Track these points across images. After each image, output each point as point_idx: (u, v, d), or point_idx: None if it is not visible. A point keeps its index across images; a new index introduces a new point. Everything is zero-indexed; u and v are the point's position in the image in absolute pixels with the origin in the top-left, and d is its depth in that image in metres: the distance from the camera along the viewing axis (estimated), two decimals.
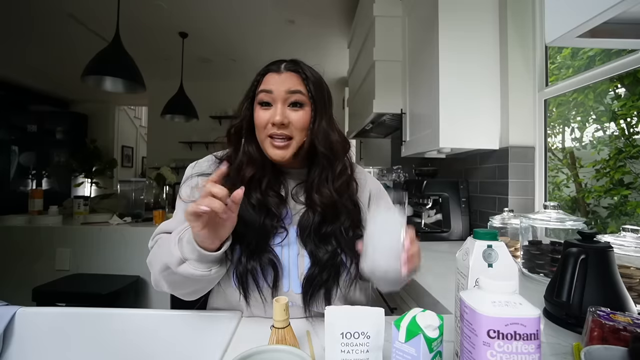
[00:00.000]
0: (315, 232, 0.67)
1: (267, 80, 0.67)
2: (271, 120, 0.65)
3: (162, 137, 5.15)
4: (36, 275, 2.05)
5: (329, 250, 0.66)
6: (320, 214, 0.67)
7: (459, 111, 1.44)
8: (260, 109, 0.67)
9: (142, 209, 2.47)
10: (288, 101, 0.66)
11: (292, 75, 0.67)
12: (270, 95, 0.66)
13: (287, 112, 0.66)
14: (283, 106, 0.66)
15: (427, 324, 0.41)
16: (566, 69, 1.64)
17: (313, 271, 0.65)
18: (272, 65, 0.69)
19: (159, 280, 0.64)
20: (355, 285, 0.69)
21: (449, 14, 1.44)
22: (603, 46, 1.16)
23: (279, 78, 0.67)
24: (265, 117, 0.66)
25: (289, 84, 0.66)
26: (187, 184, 0.73)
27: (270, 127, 0.66)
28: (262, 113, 0.67)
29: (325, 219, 0.67)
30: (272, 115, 0.65)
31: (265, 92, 0.66)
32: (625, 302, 0.61)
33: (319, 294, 0.65)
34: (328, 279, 0.65)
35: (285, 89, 0.66)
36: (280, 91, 0.66)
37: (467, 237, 0.52)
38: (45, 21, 3.21)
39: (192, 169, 0.75)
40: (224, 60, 4.28)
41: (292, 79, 0.67)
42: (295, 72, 0.68)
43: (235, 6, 2.96)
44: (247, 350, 0.44)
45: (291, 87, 0.66)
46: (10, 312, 0.69)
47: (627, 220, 1.40)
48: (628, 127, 1.43)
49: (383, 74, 2.02)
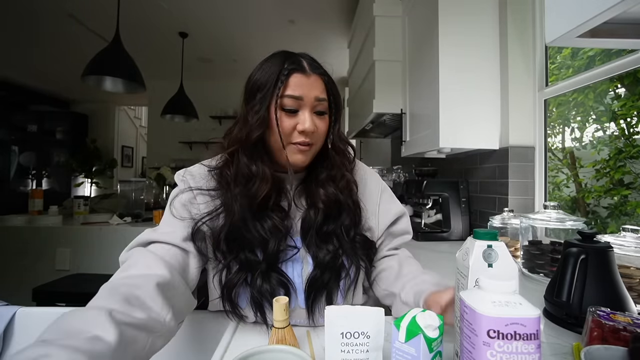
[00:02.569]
0: (317, 232, 0.65)
1: (294, 83, 0.60)
2: (300, 127, 0.61)
3: (162, 137, 5.15)
4: (36, 275, 2.05)
5: (330, 251, 0.65)
6: (323, 211, 0.65)
7: (459, 111, 1.44)
8: (285, 114, 0.61)
9: (142, 209, 2.47)
10: (315, 109, 0.63)
11: (318, 79, 0.63)
12: (299, 101, 0.61)
13: (314, 119, 0.63)
14: (310, 113, 0.62)
15: (427, 324, 0.41)
16: (566, 69, 1.64)
17: (315, 274, 0.63)
18: (294, 64, 0.61)
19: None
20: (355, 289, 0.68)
21: (449, 14, 1.44)
22: (603, 46, 1.16)
23: (308, 81, 0.61)
24: (292, 123, 0.61)
25: (317, 91, 0.62)
26: (178, 199, 0.64)
27: (297, 134, 0.62)
28: (287, 119, 0.61)
29: (327, 216, 0.66)
30: (302, 122, 0.61)
31: (293, 98, 0.60)
32: (625, 302, 0.61)
33: (321, 299, 0.63)
34: (329, 281, 0.63)
35: (315, 96, 0.62)
36: (309, 98, 0.61)
37: (467, 237, 0.52)
38: (45, 21, 3.21)
39: (182, 181, 0.66)
40: (224, 60, 4.28)
41: (319, 84, 0.63)
42: (320, 75, 0.64)
43: (235, 6, 2.96)
44: (247, 350, 0.44)
45: (319, 94, 0.62)
46: (10, 312, 0.69)
47: (627, 220, 1.40)
48: (628, 127, 1.43)
49: (383, 74, 2.02)
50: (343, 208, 0.67)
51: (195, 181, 0.66)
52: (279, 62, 0.62)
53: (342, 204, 0.67)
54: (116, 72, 2.31)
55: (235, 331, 0.63)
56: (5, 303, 0.71)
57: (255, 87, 0.62)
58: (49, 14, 3.06)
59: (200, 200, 0.64)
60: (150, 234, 0.61)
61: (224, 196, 0.63)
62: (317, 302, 0.63)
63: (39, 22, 3.23)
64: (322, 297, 0.63)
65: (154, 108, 4.86)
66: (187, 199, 0.64)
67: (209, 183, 0.66)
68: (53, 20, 3.18)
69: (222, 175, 0.65)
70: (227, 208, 0.62)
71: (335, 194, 0.66)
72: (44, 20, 3.18)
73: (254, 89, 0.63)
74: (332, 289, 0.64)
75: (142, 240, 0.61)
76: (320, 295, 0.63)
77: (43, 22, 3.23)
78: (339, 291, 0.65)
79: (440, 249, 1.38)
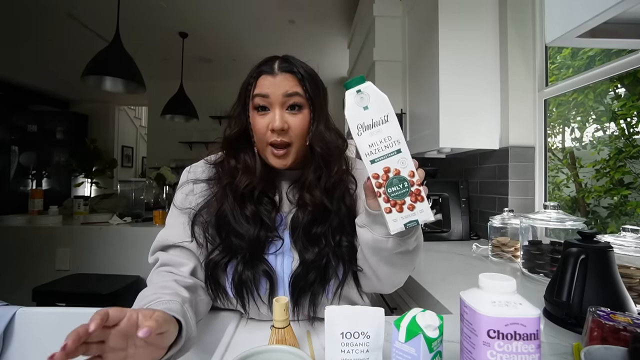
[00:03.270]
0: (304, 232, 0.65)
1: (261, 83, 0.63)
2: (270, 126, 0.62)
3: (162, 137, 5.15)
4: (36, 275, 2.05)
5: (315, 252, 0.65)
6: (311, 213, 0.65)
7: (459, 111, 1.44)
8: (257, 114, 0.64)
9: (142, 209, 2.47)
10: (286, 104, 0.63)
11: (287, 76, 0.63)
12: (267, 99, 0.63)
13: (286, 116, 0.63)
14: (281, 110, 0.63)
15: (427, 324, 0.41)
16: (566, 69, 1.64)
17: (300, 271, 0.63)
18: (264, 66, 0.64)
19: None
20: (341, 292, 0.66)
21: (449, 14, 1.44)
22: (603, 46, 1.16)
23: (274, 80, 0.62)
24: (264, 122, 0.63)
25: (285, 87, 0.62)
26: (181, 190, 0.70)
27: (270, 133, 0.63)
28: (259, 119, 0.63)
29: (315, 219, 0.66)
30: (271, 121, 0.62)
31: (260, 97, 0.63)
32: (625, 302, 0.61)
33: (305, 297, 0.63)
34: (314, 282, 0.63)
35: (283, 92, 0.62)
36: (277, 95, 0.62)
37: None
38: (45, 21, 3.21)
39: (187, 174, 0.73)
40: (224, 60, 4.28)
41: (288, 80, 0.63)
42: (290, 72, 0.63)
43: (235, 6, 2.96)
44: (247, 350, 0.44)
45: (288, 89, 0.62)
46: (10, 312, 0.69)
47: (627, 220, 1.40)
48: (628, 127, 1.43)
49: (383, 74, 2.02)
50: (329, 212, 0.66)
51: (195, 174, 0.72)
52: (255, 67, 0.66)
53: (327, 208, 0.66)
54: (116, 72, 2.31)
55: (235, 331, 0.63)
56: (5, 303, 0.71)
57: (239, 91, 0.68)
58: (49, 14, 3.06)
59: (197, 190, 0.70)
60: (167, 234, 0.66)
61: (216, 186, 0.69)
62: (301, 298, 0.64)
63: (39, 22, 3.23)
64: (308, 294, 0.64)
65: (154, 108, 4.86)
66: (188, 190, 0.70)
67: (208, 175, 0.72)
68: (53, 20, 3.18)
69: (217, 169, 0.71)
70: (217, 196, 0.67)
71: (320, 198, 0.65)
72: (44, 20, 3.18)
73: (239, 92, 0.68)
74: (317, 289, 0.64)
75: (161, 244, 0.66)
76: (305, 293, 0.63)
77: (43, 22, 3.23)
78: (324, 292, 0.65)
79: (440, 249, 1.38)
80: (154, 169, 3.23)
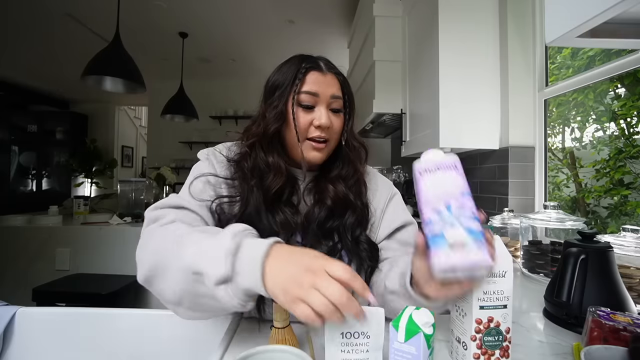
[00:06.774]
0: (318, 226, 0.65)
1: (310, 80, 0.64)
2: (316, 122, 0.64)
3: (162, 137, 5.15)
4: (36, 275, 2.05)
5: (328, 245, 0.65)
6: (329, 207, 0.66)
7: (459, 111, 1.44)
8: (301, 110, 0.65)
9: (142, 209, 2.47)
10: (330, 106, 0.66)
11: (334, 78, 0.66)
12: (315, 98, 0.64)
13: (330, 115, 0.65)
14: (327, 110, 0.65)
15: (424, 321, 0.41)
16: (566, 69, 1.64)
17: None
18: (311, 63, 0.65)
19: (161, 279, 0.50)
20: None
21: (449, 14, 1.44)
22: (603, 46, 1.16)
23: (324, 79, 0.65)
24: (308, 118, 0.64)
25: (333, 89, 0.65)
26: (200, 179, 0.65)
27: (313, 129, 0.64)
28: (303, 114, 0.64)
29: (332, 213, 0.66)
30: (318, 118, 0.64)
31: (309, 95, 0.64)
32: (625, 302, 0.61)
33: None
34: None
35: (331, 93, 0.65)
36: (326, 95, 0.64)
37: None
38: (45, 21, 3.20)
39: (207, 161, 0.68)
40: (224, 60, 4.28)
41: (335, 83, 0.66)
42: (336, 74, 0.67)
43: (235, 6, 2.96)
44: (247, 351, 0.44)
45: (335, 92, 0.65)
46: (10, 312, 0.69)
47: (627, 220, 1.40)
48: (628, 127, 1.43)
49: (383, 74, 2.02)
50: (350, 207, 0.68)
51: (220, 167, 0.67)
52: (297, 62, 0.66)
53: (349, 202, 0.67)
54: (116, 72, 2.31)
55: (235, 331, 0.63)
56: (5, 303, 0.71)
57: (274, 86, 0.66)
58: (49, 13, 3.06)
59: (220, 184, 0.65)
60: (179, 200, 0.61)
61: (241, 186, 0.65)
62: None
63: (39, 22, 3.23)
64: None
65: (154, 108, 4.86)
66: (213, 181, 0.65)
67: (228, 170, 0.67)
68: (53, 20, 3.18)
69: (239, 167, 0.67)
70: (242, 198, 0.64)
71: (344, 192, 0.67)
72: (44, 20, 3.18)
73: (273, 88, 0.66)
74: None
75: (172, 203, 0.60)
76: None
77: (43, 22, 3.23)
78: None
79: None
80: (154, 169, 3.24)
